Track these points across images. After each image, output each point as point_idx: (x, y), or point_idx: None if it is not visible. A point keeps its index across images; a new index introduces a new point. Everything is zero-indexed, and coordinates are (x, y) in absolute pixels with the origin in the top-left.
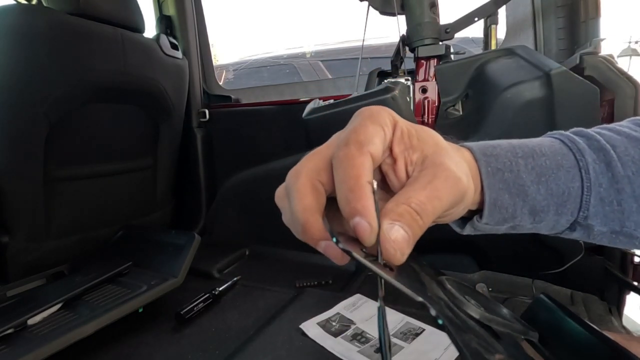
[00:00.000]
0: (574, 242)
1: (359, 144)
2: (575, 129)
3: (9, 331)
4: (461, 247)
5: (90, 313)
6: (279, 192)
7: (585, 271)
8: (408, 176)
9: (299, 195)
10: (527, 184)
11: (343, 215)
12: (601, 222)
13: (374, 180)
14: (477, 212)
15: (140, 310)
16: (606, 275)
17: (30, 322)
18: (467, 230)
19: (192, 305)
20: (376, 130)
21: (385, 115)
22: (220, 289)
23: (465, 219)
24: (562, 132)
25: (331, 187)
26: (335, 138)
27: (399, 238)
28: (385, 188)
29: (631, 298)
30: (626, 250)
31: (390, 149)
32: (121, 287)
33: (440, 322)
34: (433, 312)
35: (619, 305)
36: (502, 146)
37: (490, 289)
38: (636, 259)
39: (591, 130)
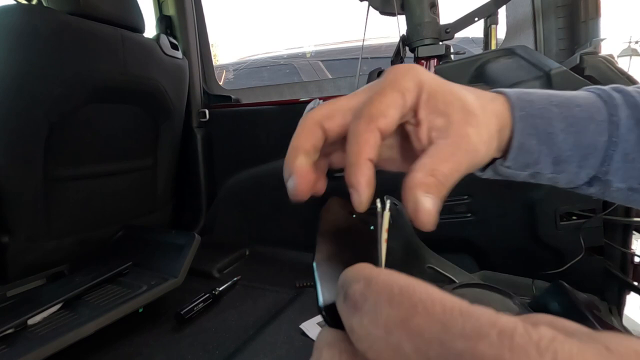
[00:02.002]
0: (574, 242)
1: (370, 118)
2: (615, 85)
3: (9, 331)
4: (461, 247)
5: (90, 313)
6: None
7: (585, 271)
8: (430, 141)
9: (294, 137)
10: (557, 132)
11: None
12: (620, 179)
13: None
14: (498, 158)
15: (141, 311)
16: (606, 275)
17: (30, 322)
18: (488, 174)
19: (192, 305)
20: (394, 99)
21: (409, 78)
22: (220, 289)
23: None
24: (601, 86)
25: (336, 135)
26: (362, 93)
27: (432, 208)
28: (406, 146)
29: (631, 298)
30: (626, 250)
31: (415, 112)
32: (121, 287)
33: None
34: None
35: (619, 305)
36: (538, 93)
37: None
38: (636, 259)
39: (630, 88)
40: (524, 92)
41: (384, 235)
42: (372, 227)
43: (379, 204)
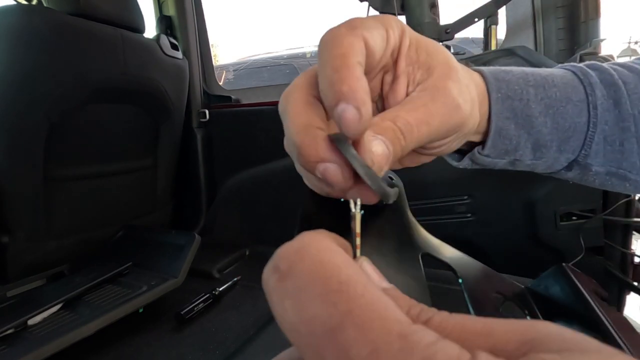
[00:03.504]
0: (574, 242)
1: (351, 26)
2: (590, 62)
3: (9, 331)
4: (461, 247)
5: (90, 313)
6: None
7: (585, 271)
8: (407, 97)
9: (291, 116)
10: (535, 115)
11: (326, 106)
12: (600, 162)
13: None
14: (477, 145)
15: (141, 311)
16: (606, 275)
17: (30, 322)
18: (464, 163)
19: (192, 306)
20: (377, 26)
21: (392, 19)
22: (221, 289)
23: (462, 153)
24: (576, 64)
25: None
26: None
27: (379, 151)
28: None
29: (631, 298)
30: (626, 251)
31: (395, 63)
32: (121, 288)
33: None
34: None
35: (619, 305)
36: (514, 72)
37: None
38: (636, 259)
39: (606, 64)
40: (500, 71)
41: (357, 241)
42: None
43: (352, 203)
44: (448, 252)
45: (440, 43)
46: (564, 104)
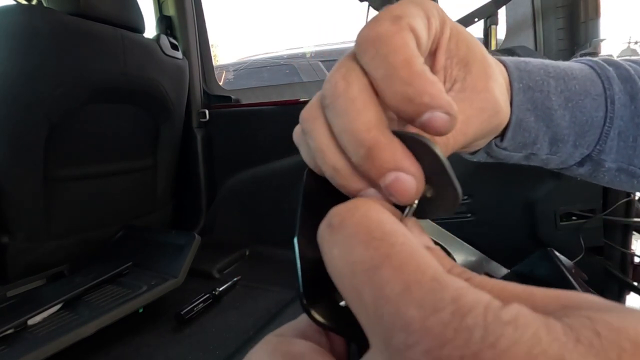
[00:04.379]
0: (574, 242)
1: (394, 16)
2: (605, 57)
3: (9, 331)
4: None
5: (90, 313)
6: (307, 112)
7: (585, 271)
8: None
9: (358, 105)
10: (555, 108)
11: (403, 117)
12: (613, 158)
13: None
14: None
15: (141, 311)
16: (606, 275)
17: (30, 322)
18: (479, 157)
19: (192, 306)
20: (419, 13)
21: (432, 5)
22: (220, 289)
23: None
24: (592, 58)
25: None
26: None
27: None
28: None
29: (631, 298)
30: (626, 251)
31: (433, 57)
32: (121, 288)
33: None
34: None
35: None
36: (534, 63)
37: None
38: (636, 259)
39: (621, 61)
40: (521, 61)
41: (408, 208)
42: None
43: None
44: (435, 233)
45: None
46: (583, 97)
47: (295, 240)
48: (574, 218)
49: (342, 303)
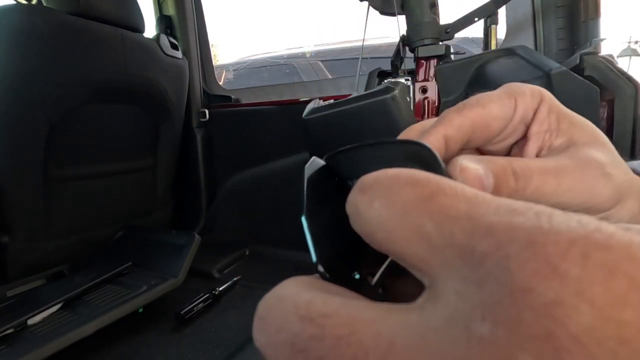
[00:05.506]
0: None
1: (461, 106)
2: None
3: (9, 331)
4: None
5: (90, 313)
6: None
7: None
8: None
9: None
10: None
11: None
12: None
13: None
14: None
15: (141, 311)
16: None
17: (30, 322)
18: None
19: (192, 306)
20: (499, 97)
21: (526, 87)
22: (220, 289)
23: None
24: None
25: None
26: None
27: (471, 169)
28: None
29: None
30: None
31: (527, 127)
32: (121, 287)
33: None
34: None
35: None
36: None
37: None
38: None
39: None
40: None
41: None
42: None
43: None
44: None
45: (440, 43)
46: None
47: (304, 217)
48: None
49: (356, 276)
